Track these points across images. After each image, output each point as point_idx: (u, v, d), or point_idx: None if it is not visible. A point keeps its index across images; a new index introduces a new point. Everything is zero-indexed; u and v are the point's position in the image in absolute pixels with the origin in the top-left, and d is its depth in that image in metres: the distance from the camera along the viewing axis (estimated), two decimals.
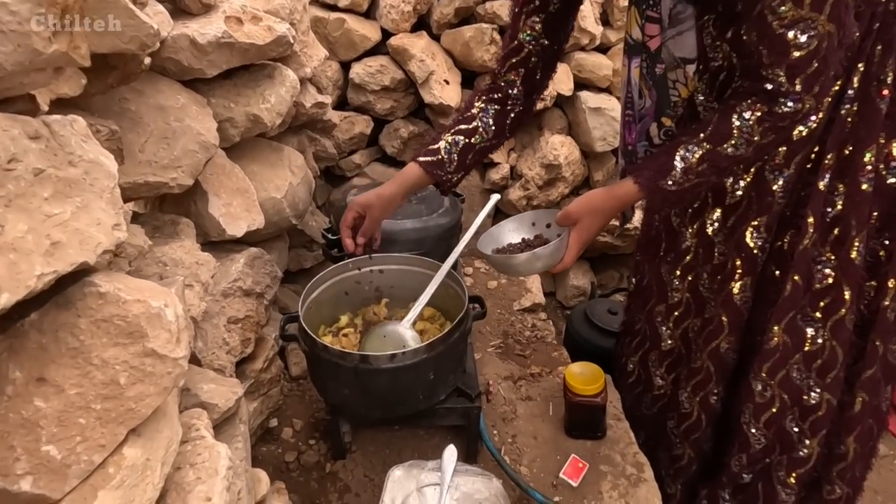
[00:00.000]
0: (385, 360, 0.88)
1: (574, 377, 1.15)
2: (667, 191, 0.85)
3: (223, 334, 0.93)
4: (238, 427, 0.79)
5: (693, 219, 1.04)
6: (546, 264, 0.90)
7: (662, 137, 0.99)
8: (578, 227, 0.89)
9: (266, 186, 1.26)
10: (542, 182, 1.85)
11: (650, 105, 0.99)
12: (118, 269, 0.72)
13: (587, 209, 0.89)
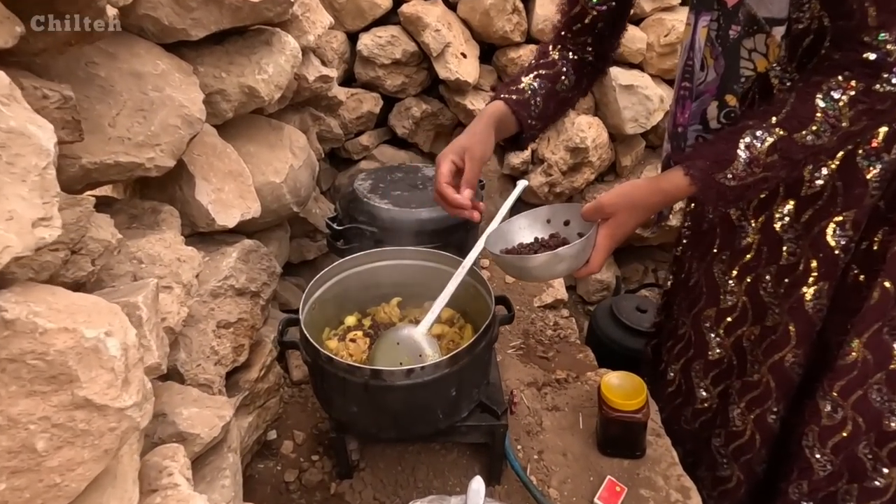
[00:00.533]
0: (400, 375, 0.75)
1: (611, 390, 1.01)
2: (724, 186, 0.70)
3: (211, 342, 0.80)
4: (226, 458, 0.66)
5: (758, 211, 0.89)
6: (569, 267, 0.76)
7: (723, 121, 0.84)
8: (611, 223, 0.75)
9: (264, 169, 1.11)
10: (566, 167, 1.70)
11: (713, 78, 0.83)
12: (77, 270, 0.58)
13: (626, 203, 0.74)
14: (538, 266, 0.76)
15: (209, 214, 0.89)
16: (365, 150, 1.72)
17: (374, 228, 1.10)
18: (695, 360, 1.07)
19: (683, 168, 0.72)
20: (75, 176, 0.66)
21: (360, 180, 1.22)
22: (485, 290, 0.98)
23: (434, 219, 1.12)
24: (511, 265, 0.81)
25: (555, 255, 0.74)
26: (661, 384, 1.19)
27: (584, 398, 1.23)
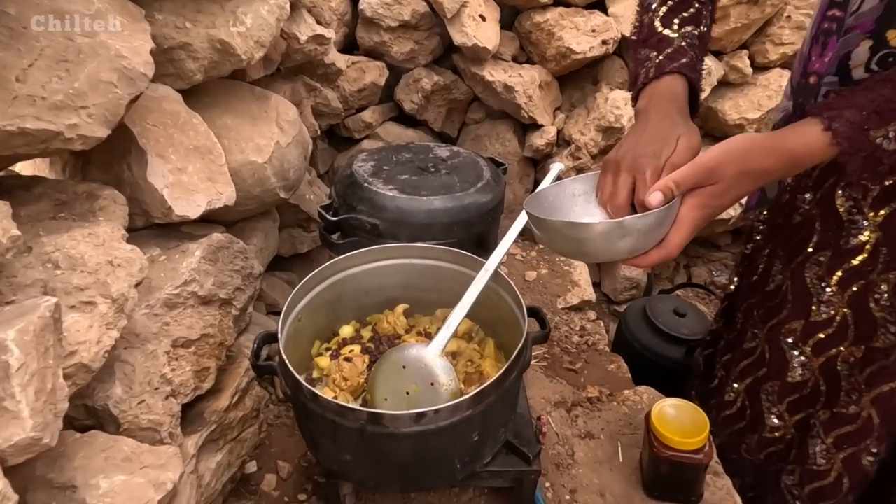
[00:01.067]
0: (407, 421, 0.56)
1: (666, 423, 0.82)
2: (881, 150, 0.51)
3: (162, 368, 0.61)
4: None
5: (879, 202, 0.69)
6: (635, 245, 0.56)
7: (874, 68, 0.63)
8: (706, 192, 0.56)
9: (244, 147, 0.92)
10: (596, 150, 1.49)
11: (875, 5, 0.61)
12: None
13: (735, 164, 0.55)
14: (595, 238, 0.56)
15: (164, 201, 0.69)
16: (368, 128, 1.52)
17: (375, 220, 0.91)
18: (767, 381, 0.88)
19: (822, 120, 0.52)
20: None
21: (359, 162, 1.02)
22: (512, 300, 0.79)
23: (449, 209, 0.92)
24: (559, 234, 0.60)
25: (619, 226, 0.55)
26: (717, 403, 1.00)
27: (623, 423, 1.05)
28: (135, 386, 0.58)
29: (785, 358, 0.84)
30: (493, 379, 0.60)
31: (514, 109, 1.48)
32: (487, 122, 1.60)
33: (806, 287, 0.79)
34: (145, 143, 0.70)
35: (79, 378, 0.45)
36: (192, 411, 0.70)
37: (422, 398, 0.70)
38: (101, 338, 0.48)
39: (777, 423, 0.89)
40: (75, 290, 0.50)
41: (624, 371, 1.30)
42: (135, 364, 0.59)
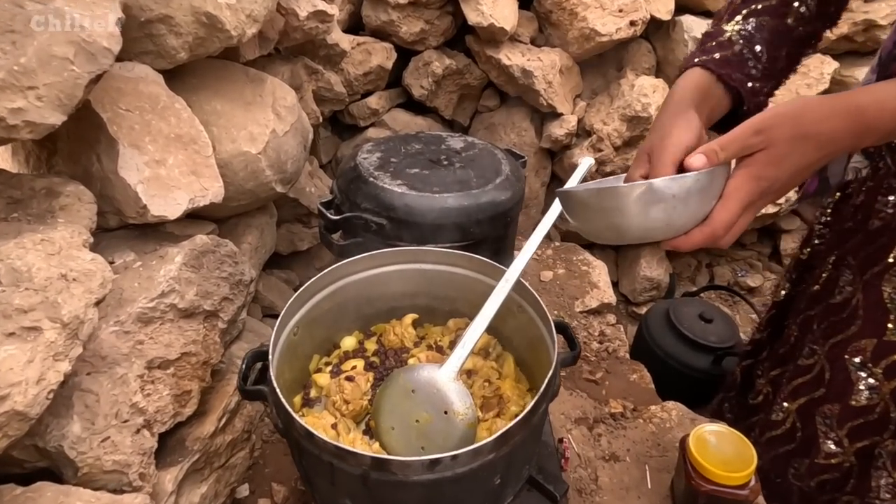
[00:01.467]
0: (419, 468, 0.47)
1: (707, 453, 0.73)
2: None
3: (133, 396, 0.52)
4: None
5: None
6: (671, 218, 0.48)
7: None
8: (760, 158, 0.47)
9: (235, 135, 0.82)
10: (620, 141, 1.38)
11: None
12: None
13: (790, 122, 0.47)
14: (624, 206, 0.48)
15: (138, 199, 0.60)
16: (373, 115, 1.42)
17: (381, 219, 0.81)
18: (826, 403, 0.78)
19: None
20: None
21: (364, 153, 0.92)
22: (537, 314, 0.69)
23: (464, 208, 0.82)
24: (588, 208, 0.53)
25: (649, 190, 0.47)
26: (760, 422, 0.91)
27: (650, 443, 0.96)
28: (98, 420, 0.49)
29: (849, 379, 0.74)
30: (520, 417, 0.50)
31: (532, 96, 1.37)
32: (502, 110, 1.49)
33: (882, 302, 0.69)
34: (116, 132, 0.60)
35: (11, 428, 0.37)
36: (171, 439, 0.62)
37: (433, 429, 0.61)
38: (45, 374, 0.39)
39: (834, 449, 0.79)
40: (16, 312, 0.41)
41: (647, 382, 1.20)
42: (99, 393, 0.50)
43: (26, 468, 0.47)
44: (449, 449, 0.60)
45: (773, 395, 0.88)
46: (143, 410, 0.53)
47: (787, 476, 0.86)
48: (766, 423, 0.89)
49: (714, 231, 0.49)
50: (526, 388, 0.73)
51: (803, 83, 1.43)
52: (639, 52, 1.39)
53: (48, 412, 0.46)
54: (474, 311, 0.80)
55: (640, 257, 1.66)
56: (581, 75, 1.46)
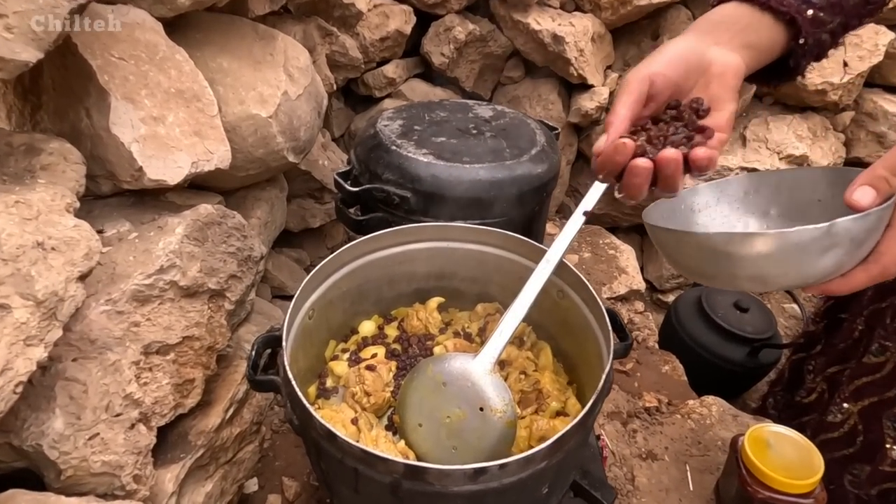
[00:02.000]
0: (461, 478, 0.40)
1: (768, 459, 0.66)
2: None
3: (127, 385, 0.45)
4: None
5: None
6: (840, 262, 0.40)
7: None
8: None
9: (243, 96, 0.74)
10: None
11: None
12: None
13: None
14: (782, 253, 0.38)
15: (133, 160, 0.52)
16: (390, 85, 1.32)
17: (405, 192, 0.73)
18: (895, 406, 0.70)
19: None
20: None
21: (384, 120, 0.84)
22: (583, 300, 0.62)
23: (497, 181, 0.74)
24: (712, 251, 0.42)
25: (826, 234, 0.37)
26: (813, 422, 0.84)
27: (689, 441, 0.88)
28: (85, 414, 0.42)
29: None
30: (577, 419, 0.43)
31: (562, 66, 1.27)
32: (527, 82, 1.39)
33: None
34: (108, 82, 0.52)
35: None
36: (172, 433, 0.55)
37: (467, 427, 0.53)
38: (12, 362, 0.32)
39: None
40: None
41: (680, 373, 1.13)
42: (87, 382, 0.43)
43: (1, 468, 0.40)
44: (484, 450, 0.53)
45: (830, 394, 0.81)
46: (138, 402, 0.46)
47: (842, 482, 0.79)
48: (820, 423, 0.81)
49: (885, 268, 0.41)
50: (565, 381, 0.66)
51: (855, 55, 1.32)
52: (677, 20, 1.29)
53: (25, 405, 0.39)
54: (506, 294, 0.73)
55: None
56: (613, 44, 1.36)
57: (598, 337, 0.58)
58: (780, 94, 1.44)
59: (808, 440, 0.67)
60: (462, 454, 0.53)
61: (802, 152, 1.38)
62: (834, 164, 1.45)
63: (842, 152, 1.47)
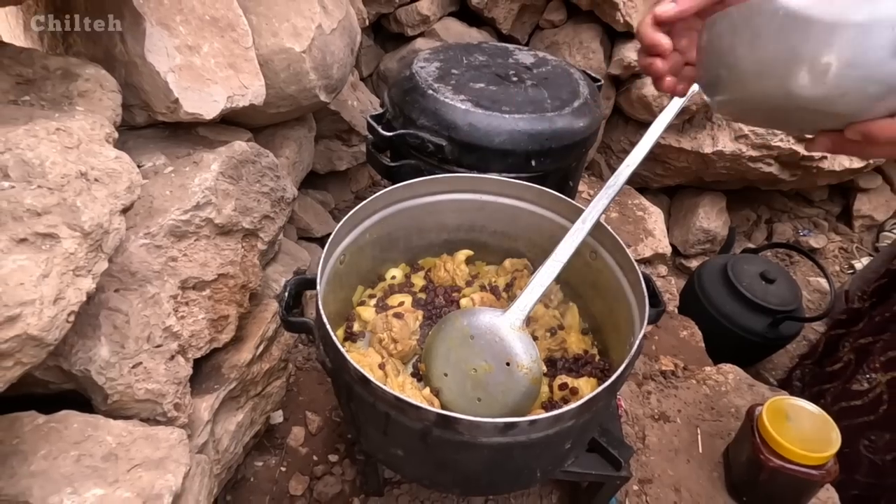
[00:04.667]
0: (491, 430, 0.41)
1: (785, 430, 0.66)
2: None
3: (166, 318, 0.46)
4: None
5: None
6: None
7: None
8: None
9: (276, 27, 0.70)
10: None
11: None
12: None
13: None
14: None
15: (169, 91, 0.51)
16: (423, 23, 1.26)
17: (440, 139, 0.71)
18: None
19: None
20: None
21: (420, 62, 0.80)
22: (617, 263, 0.61)
23: (537, 133, 0.71)
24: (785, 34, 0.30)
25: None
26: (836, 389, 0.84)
27: (702, 406, 0.90)
28: (128, 343, 0.43)
29: None
30: (609, 381, 0.43)
31: (608, 10, 1.19)
32: (568, 27, 1.31)
33: None
34: (142, 5, 0.50)
35: (25, 355, 0.30)
36: (207, 365, 0.57)
37: (492, 380, 0.54)
38: (63, 292, 0.32)
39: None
40: (28, 214, 0.34)
41: (698, 339, 1.13)
42: (129, 313, 0.44)
43: (50, 389, 0.42)
44: (508, 404, 0.54)
45: (857, 363, 0.80)
46: (177, 335, 0.47)
47: (858, 447, 0.80)
48: (843, 391, 0.82)
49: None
50: (592, 343, 0.66)
51: None
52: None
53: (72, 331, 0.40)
54: (535, 251, 0.72)
55: (697, 206, 1.53)
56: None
57: (631, 301, 0.57)
58: None
59: (825, 412, 0.68)
60: (486, 406, 0.54)
61: None
62: None
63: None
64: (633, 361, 0.46)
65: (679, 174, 1.48)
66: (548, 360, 0.61)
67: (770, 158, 1.36)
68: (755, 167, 1.37)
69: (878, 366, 0.76)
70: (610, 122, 1.44)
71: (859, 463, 0.80)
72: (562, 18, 1.32)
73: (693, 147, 1.36)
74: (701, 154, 1.36)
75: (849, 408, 0.80)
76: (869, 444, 0.78)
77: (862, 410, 0.78)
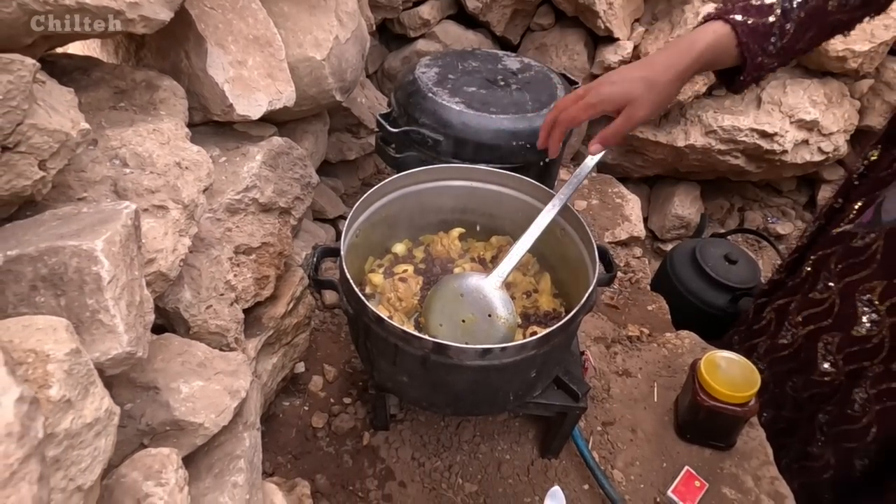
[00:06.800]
0: (473, 355, 0.56)
1: (717, 377, 0.81)
2: None
3: (226, 274, 0.60)
4: (240, 440, 0.50)
5: None
6: None
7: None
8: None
9: (301, 40, 0.84)
10: None
11: None
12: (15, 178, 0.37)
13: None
14: None
15: (225, 98, 0.64)
16: (424, 26, 1.38)
17: (438, 135, 0.85)
18: (829, 332, 0.86)
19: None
20: (10, 21, 0.42)
21: (422, 67, 0.93)
22: (580, 237, 0.75)
23: (519, 131, 0.85)
24: None
25: None
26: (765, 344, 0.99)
27: (661, 364, 1.05)
28: (202, 291, 0.57)
29: (855, 313, 0.81)
30: (561, 321, 0.58)
31: (590, 17, 1.32)
32: (556, 30, 1.44)
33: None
34: (204, 29, 0.63)
35: (157, 286, 0.45)
36: (250, 316, 0.71)
37: (477, 328, 0.69)
38: (176, 245, 0.47)
39: (829, 369, 0.88)
40: (146, 192, 0.48)
41: (664, 312, 1.28)
42: (201, 269, 0.58)
43: None
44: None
45: (778, 322, 0.95)
46: (233, 287, 0.62)
47: (784, 388, 0.96)
48: (771, 346, 0.97)
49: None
50: (561, 304, 0.81)
51: (881, 23, 1.35)
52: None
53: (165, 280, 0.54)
54: (517, 230, 0.87)
55: (673, 195, 1.67)
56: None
57: (590, 269, 0.72)
58: (803, 59, 1.47)
59: (752, 363, 0.83)
60: None
61: (814, 118, 1.44)
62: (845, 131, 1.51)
63: (854, 119, 1.52)
64: (582, 309, 0.61)
65: (657, 165, 1.62)
66: (523, 315, 0.76)
67: (737, 152, 1.50)
68: (724, 160, 1.51)
69: (797, 322, 0.91)
70: None
71: (785, 401, 0.95)
72: (550, 22, 1.45)
73: (668, 141, 1.50)
74: (675, 147, 1.50)
75: (777, 358, 0.95)
76: (792, 385, 0.94)
77: (787, 360, 0.94)
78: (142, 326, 0.37)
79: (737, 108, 1.46)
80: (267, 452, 0.81)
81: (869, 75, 1.48)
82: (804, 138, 1.46)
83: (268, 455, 0.81)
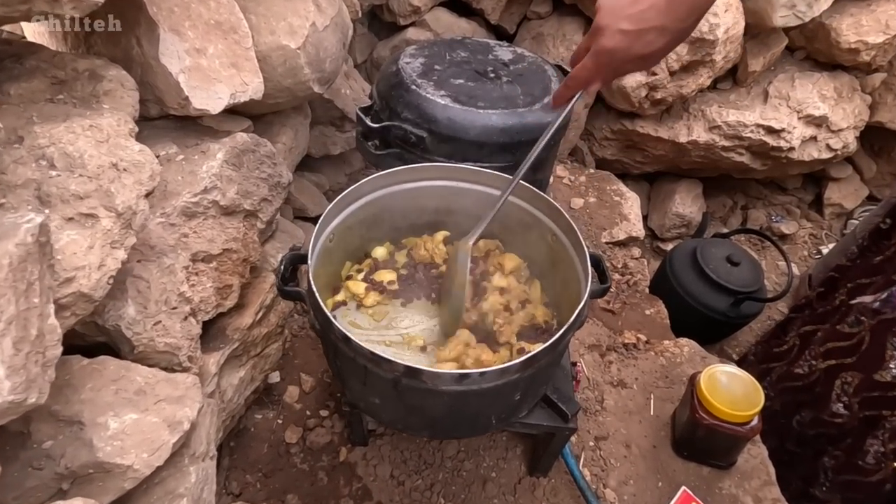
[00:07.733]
0: (449, 380, 0.50)
1: (717, 393, 0.76)
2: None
3: (180, 285, 0.55)
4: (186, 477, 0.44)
5: None
6: None
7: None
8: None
9: (273, 26, 0.77)
10: (678, 65, 1.27)
11: None
12: None
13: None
14: None
15: (180, 90, 0.58)
16: (415, 13, 1.31)
17: (422, 132, 0.79)
18: (851, 371, 0.80)
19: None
20: None
21: (406, 57, 0.87)
22: (572, 245, 0.69)
23: (509, 127, 0.79)
24: None
25: None
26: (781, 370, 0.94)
27: (658, 374, 1.00)
28: (150, 305, 0.52)
29: (883, 356, 0.75)
30: (548, 343, 0.52)
31: (589, 4, 1.25)
32: (553, 19, 1.37)
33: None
34: (156, 13, 0.57)
35: (79, 308, 0.39)
36: (213, 327, 0.66)
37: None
38: (104, 260, 0.41)
39: (842, 411, 0.82)
40: (73, 198, 0.42)
41: (663, 317, 1.23)
42: (150, 280, 0.53)
43: (87, 341, 0.50)
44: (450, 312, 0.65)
45: (801, 348, 0.89)
46: (189, 299, 0.56)
47: (791, 420, 0.90)
48: (786, 373, 0.91)
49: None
50: (552, 314, 0.75)
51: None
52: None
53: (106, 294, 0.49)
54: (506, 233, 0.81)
55: (674, 193, 1.61)
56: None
57: (581, 279, 0.66)
58: (812, 49, 1.40)
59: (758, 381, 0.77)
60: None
61: (823, 113, 1.38)
62: (855, 127, 1.44)
63: (865, 115, 1.46)
64: (571, 328, 0.55)
65: (657, 161, 1.55)
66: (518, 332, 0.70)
67: (741, 148, 1.44)
68: (728, 156, 1.45)
69: (819, 354, 0.85)
70: (592, 110, 1.51)
71: (790, 434, 0.90)
72: (548, 10, 1.38)
73: (669, 136, 1.44)
74: (677, 143, 1.44)
75: (789, 387, 0.89)
76: (800, 419, 0.88)
77: (799, 391, 0.88)
78: (38, 365, 0.31)
79: (742, 102, 1.40)
80: (235, 471, 0.76)
81: (882, 69, 1.41)
82: (812, 135, 1.40)
83: (235, 474, 0.76)
